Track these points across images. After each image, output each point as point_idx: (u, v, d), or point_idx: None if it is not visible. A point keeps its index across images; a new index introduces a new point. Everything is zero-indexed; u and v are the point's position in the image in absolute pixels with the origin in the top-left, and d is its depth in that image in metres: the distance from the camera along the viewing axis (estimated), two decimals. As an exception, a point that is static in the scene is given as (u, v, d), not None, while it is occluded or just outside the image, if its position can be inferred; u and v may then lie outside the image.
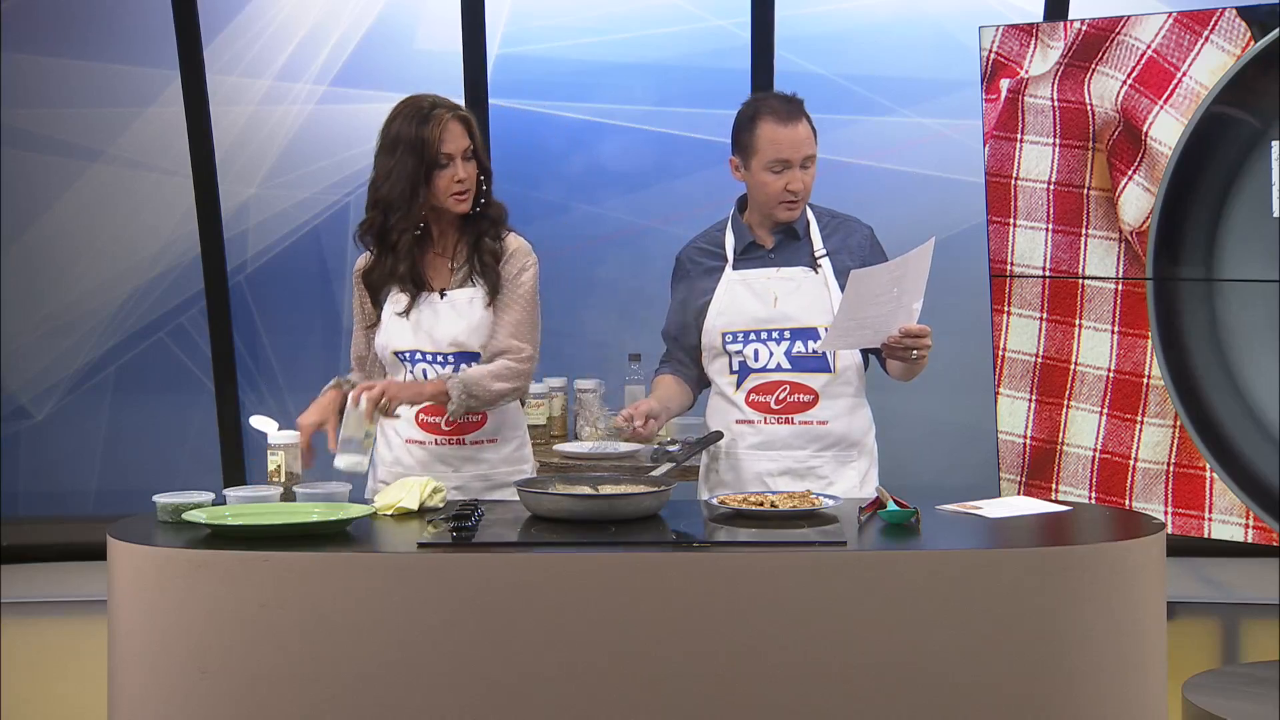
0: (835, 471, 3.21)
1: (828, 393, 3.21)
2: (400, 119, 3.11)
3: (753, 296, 3.23)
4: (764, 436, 3.23)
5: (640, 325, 4.92)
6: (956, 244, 4.78)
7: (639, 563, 2.50)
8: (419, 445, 3.18)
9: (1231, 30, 3.72)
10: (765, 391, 3.22)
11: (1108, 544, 2.57)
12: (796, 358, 3.20)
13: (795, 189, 3.19)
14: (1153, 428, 3.92)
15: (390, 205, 3.10)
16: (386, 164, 3.10)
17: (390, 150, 3.10)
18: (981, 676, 2.45)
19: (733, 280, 3.25)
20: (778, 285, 3.22)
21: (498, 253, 3.17)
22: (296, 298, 5.26)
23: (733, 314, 3.24)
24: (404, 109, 3.13)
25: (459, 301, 3.16)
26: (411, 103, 3.14)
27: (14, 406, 5.26)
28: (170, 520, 2.75)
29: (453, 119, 3.09)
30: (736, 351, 3.23)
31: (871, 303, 3.00)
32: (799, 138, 3.18)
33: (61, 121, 5.17)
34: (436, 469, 3.16)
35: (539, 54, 5.10)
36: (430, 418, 3.16)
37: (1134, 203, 3.90)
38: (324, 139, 5.14)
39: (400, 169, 3.07)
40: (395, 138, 3.10)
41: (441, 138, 3.07)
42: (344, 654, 2.46)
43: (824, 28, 5.01)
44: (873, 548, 2.57)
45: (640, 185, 5.10)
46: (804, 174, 3.19)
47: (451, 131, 3.09)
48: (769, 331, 3.21)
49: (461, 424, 3.16)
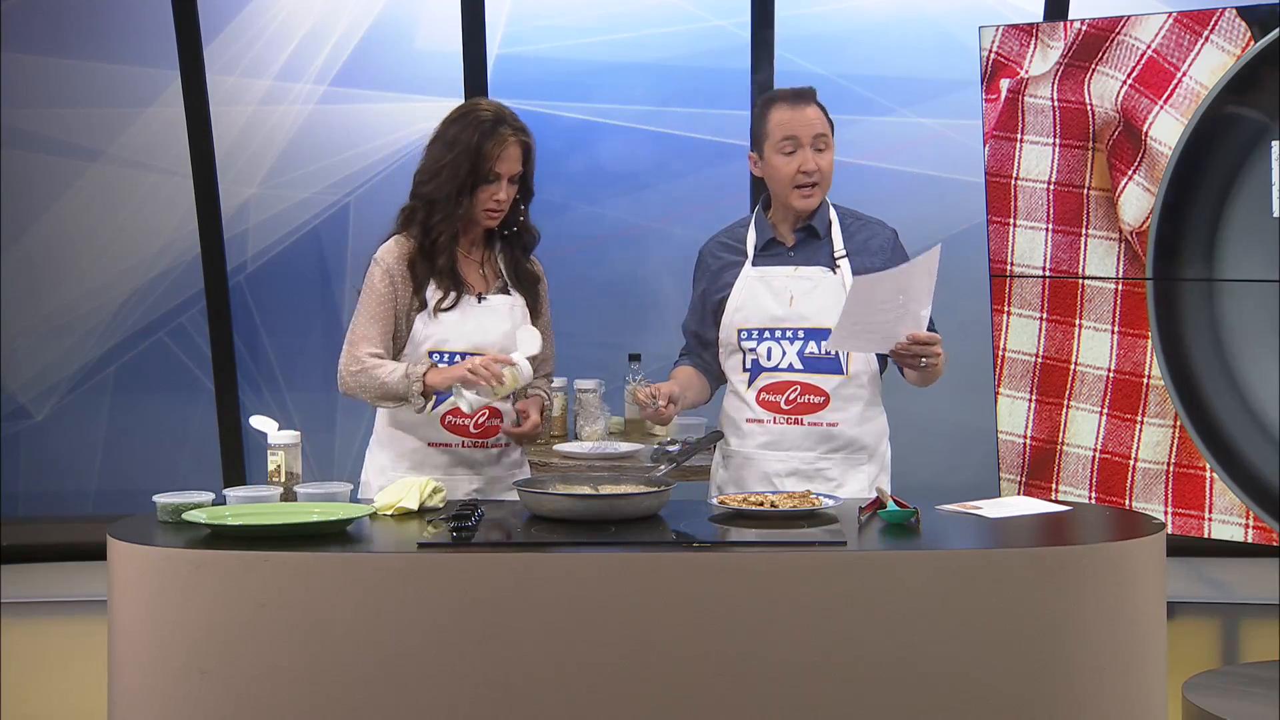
0: (844, 474, 3.21)
1: (839, 395, 3.20)
2: (465, 122, 3.10)
3: (770, 294, 3.23)
4: (773, 436, 3.22)
5: (640, 325, 4.92)
6: (956, 244, 4.78)
7: (639, 563, 2.50)
8: (443, 448, 3.17)
9: (1231, 30, 3.72)
10: (776, 391, 3.21)
11: (1108, 544, 2.57)
12: (809, 358, 3.19)
13: (808, 169, 3.18)
14: (1153, 428, 3.92)
15: (433, 203, 3.10)
16: (437, 160, 3.10)
17: (446, 147, 3.09)
18: (981, 676, 2.45)
19: (751, 277, 3.25)
20: (795, 284, 3.22)
21: (536, 276, 3.26)
22: (296, 298, 5.26)
23: (749, 311, 3.23)
24: (472, 114, 3.11)
25: (499, 307, 3.17)
26: (480, 109, 3.12)
27: (14, 406, 5.26)
28: (170, 520, 2.75)
29: (515, 143, 3.10)
30: (750, 349, 3.23)
31: (877, 310, 2.99)
32: (808, 118, 3.20)
33: (61, 121, 5.17)
34: (457, 472, 3.16)
35: (539, 54, 5.10)
36: (458, 420, 3.15)
37: (1134, 203, 3.90)
38: (324, 139, 5.14)
39: (450, 171, 3.07)
40: (454, 139, 3.09)
41: (500, 157, 3.08)
42: (344, 654, 2.46)
43: (824, 28, 5.02)
44: (873, 548, 2.57)
45: (640, 185, 5.10)
46: (818, 156, 3.19)
47: (510, 154, 3.09)
48: (783, 330, 3.21)
49: (487, 427, 3.16)
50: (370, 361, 3.10)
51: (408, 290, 3.14)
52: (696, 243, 3.40)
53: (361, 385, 3.09)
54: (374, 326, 3.13)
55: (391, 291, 3.14)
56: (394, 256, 3.15)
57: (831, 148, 3.23)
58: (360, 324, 3.14)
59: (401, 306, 3.14)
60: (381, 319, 3.13)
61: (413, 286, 3.14)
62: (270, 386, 5.26)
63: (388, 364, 3.09)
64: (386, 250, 3.17)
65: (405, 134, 5.09)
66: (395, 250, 3.16)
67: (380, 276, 3.14)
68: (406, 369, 3.04)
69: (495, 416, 3.17)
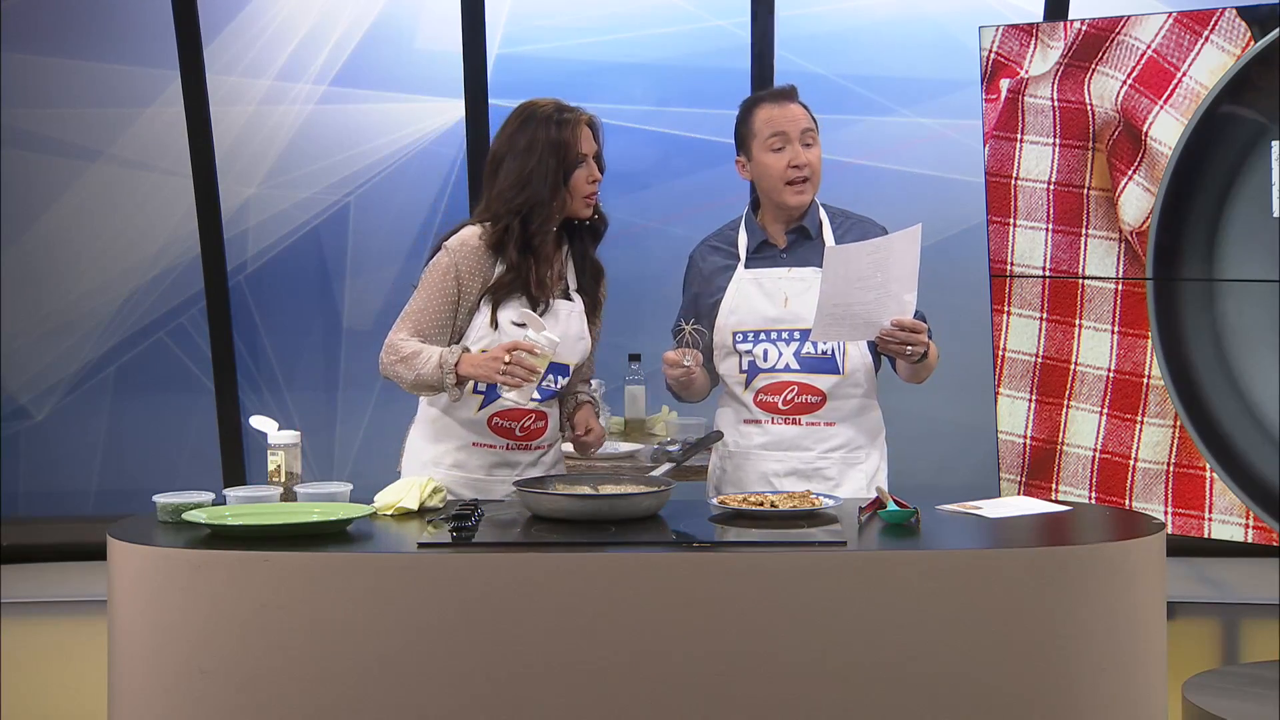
0: (842, 473, 3.21)
1: (836, 394, 3.20)
2: (532, 123, 3.09)
3: (763, 296, 3.23)
4: (771, 437, 3.22)
5: (640, 325, 4.92)
6: (956, 244, 4.79)
7: (639, 563, 2.50)
8: (487, 449, 3.17)
9: (1231, 30, 3.72)
10: (773, 392, 3.22)
11: (1108, 544, 2.57)
12: (805, 358, 3.20)
13: (799, 163, 3.19)
14: (1153, 428, 3.92)
15: (534, 208, 3.07)
16: (521, 169, 3.07)
17: (525, 153, 3.07)
18: (981, 676, 2.45)
19: (744, 279, 3.25)
20: (789, 285, 3.22)
21: (601, 270, 3.27)
22: (296, 298, 5.26)
23: (743, 313, 3.23)
24: (533, 113, 3.11)
25: (560, 313, 3.15)
26: (538, 106, 3.13)
27: (14, 406, 5.26)
28: (170, 520, 2.75)
29: (584, 122, 3.12)
30: (746, 351, 3.23)
31: (855, 287, 2.98)
32: (794, 114, 3.21)
33: (61, 121, 5.18)
34: (499, 472, 3.14)
35: (539, 54, 5.10)
36: (505, 422, 3.14)
37: (1134, 203, 3.90)
38: (324, 139, 5.15)
39: (541, 171, 3.06)
40: (529, 143, 3.07)
41: (579, 138, 3.09)
42: (344, 654, 2.46)
43: (824, 28, 5.02)
44: (873, 548, 2.57)
45: (640, 185, 5.11)
46: (806, 151, 3.20)
47: (585, 134, 3.11)
48: (779, 332, 3.21)
49: (531, 430, 3.16)
50: (407, 349, 3.05)
51: (473, 286, 3.09)
52: (696, 242, 3.40)
53: (397, 373, 3.06)
54: (423, 315, 3.09)
55: (455, 286, 3.09)
56: (466, 250, 3.09)
57: (818, 144, 3.24)
58: (410, 310, 3.11)
59: (465, 302, 3.10)
60: (432, 310, 3.09)
61: (491, 294, 3.08)
62: (270, 386, 5.26)
63: (424, 351, 3.03)
64: (460, 242, 3.10)
65: (405, 134, 5.09)
66: (469, 244, 3.10)
67: (446, 268, 3.08)
68: (440, 358, 3.00)
69: (540, 419, 3.16)
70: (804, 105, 3.24)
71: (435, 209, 5.15)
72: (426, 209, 5.16)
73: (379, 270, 5.22)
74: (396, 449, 3.28)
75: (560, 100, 3.15)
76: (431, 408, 3.18)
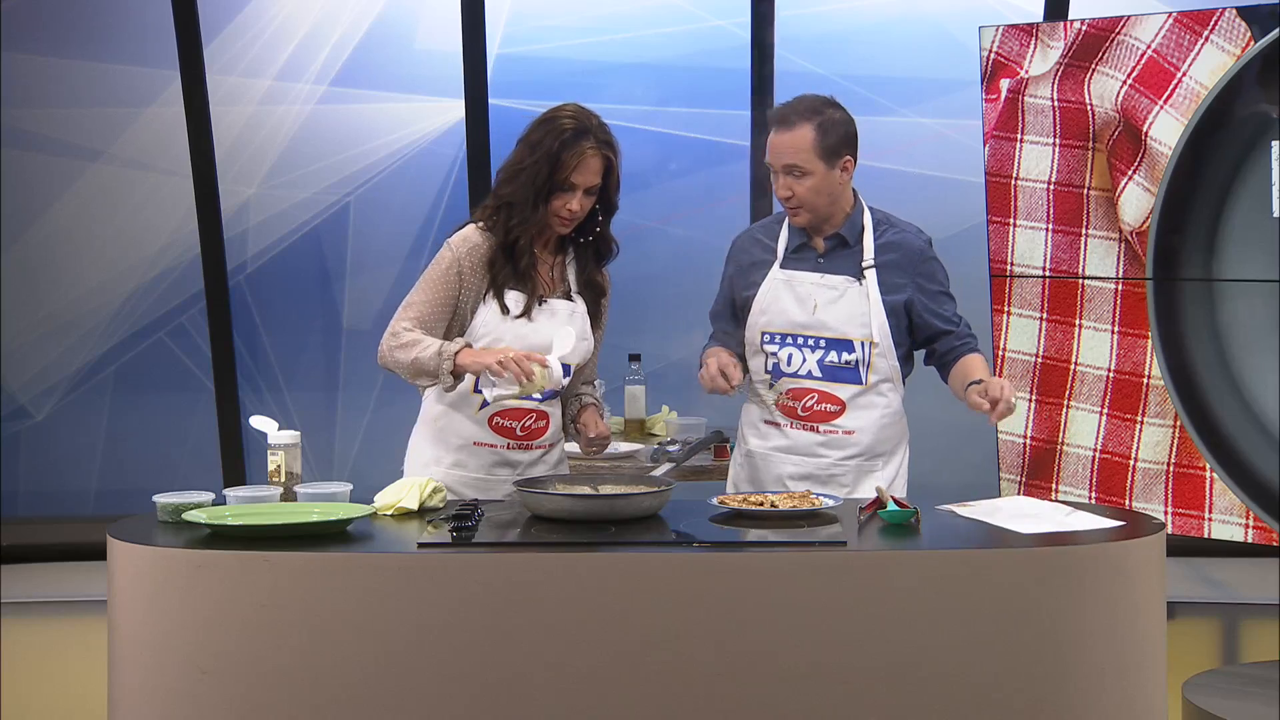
0: (857, 480, 3.21)
1: (856, 404, 3.20)
2: (548, 127, 3.07)
3: (794, 300, 3.22)
4: (790, 440, 3.23)
5: (640, 325, 4.92)
6: (956, 244, 4.78)
7: (639, 563, 2.50)
8: (488, 448, 3.17)
9: (1231, 30, 3.72)
10: (795, 397, 3.21)
11: (1108, 544, 2.57)
12: (829, 367, 3.20)
13: (782, 195, 3.19)
14: (1153, 428, 3.92)
15: (512, 205, 3.08)
16: (519, 162, 3.07)
17: (528, 150, 3.07)
18: (981, 676, 2.45)
19: (778, 279, 3.24)
20: (820, 292, 3.21)
21: (603, 288, 3.24)
22: (296, 298, 5.26)
23: (773, 314, 3.23)
24: (556, 120, 3.07)
25: (558, 310, 3.15)
26: (564, 115, 3.08)
27: (14, 406, 5.26)
28: (170, 520, 2.75)
29: (595, 156, 3.05)
30: (772, 353, 3.23)
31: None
32: (779, 145, 3.14)
33: (61, 121, 5.18)
34: (499, 471, 3.15)
35: (539, 54, 5.10)
36: (506, 421, 3.14)
37: (1134, 203, 3.90)
38: (324, 139, 5.15)
39: (529, 176, 3.05)
40: (536, 143, 3.06)
41: (576, 168, 3.04)
42: (344, 654, 2.46)
43: (824, 28, 5.02)
44: (873, 548, 2.57)
45: (640, 185, 5.10)
46: (794, 182, 3.14)
47: (588, 166, 3.05)
48: (805, 338, 3.20)
49: (533, 430, 3.16)
50: (408, 336, 3.06)
51: (475, 282, 3.11)
52: (696, 242, 3.40)
53: (396, 360, 3.06)
54: (424, 306, 3.10)
55: (456, 280, 3.10)
56: (468, 247, 3.11)
57: (812, 173, 3.13)
58: (413, 300, 3.12)
59: (466, 297, 3.11)
60: (433, 302, 3.10)
61: (487, 282, 3.10)
62: (270, 386, 5.26)
63: (424, 339, 3.04)
64: (462, 239, 3.13)
65: (405, 134, 5.10)
66: (470, 241, 3.12)
67: (448, 263, 3.10)
68: (440, 346, 3.01)
69: (541, 419, 3.16)
70: (814, 123, 3.13)
71: (435, 209, 5.15)
72: (426, 209, 5.16)
73: (379, 270, 5.22)
74: (396, 449, 3.28)
75: (595, 121, 3.09)
76: (434, 408, 3.18)
